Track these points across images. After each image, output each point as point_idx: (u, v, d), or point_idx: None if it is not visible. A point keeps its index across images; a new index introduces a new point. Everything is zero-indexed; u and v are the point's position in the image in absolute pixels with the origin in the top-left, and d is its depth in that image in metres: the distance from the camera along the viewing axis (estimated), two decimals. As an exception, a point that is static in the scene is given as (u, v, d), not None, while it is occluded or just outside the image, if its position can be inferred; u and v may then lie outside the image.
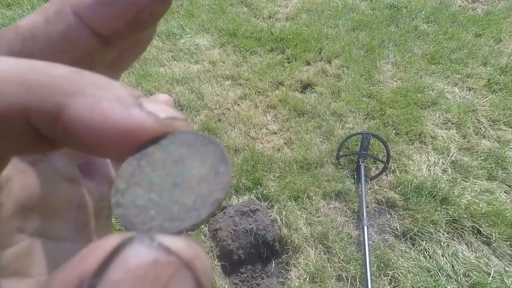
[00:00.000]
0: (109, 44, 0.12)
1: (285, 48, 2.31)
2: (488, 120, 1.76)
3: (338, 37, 2.40)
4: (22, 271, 0.13)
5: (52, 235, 0.14)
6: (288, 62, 2.20)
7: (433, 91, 1.95)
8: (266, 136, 1.73)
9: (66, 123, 0.08)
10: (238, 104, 1.90)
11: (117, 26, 0.11)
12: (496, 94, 1.91)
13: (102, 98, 0.09)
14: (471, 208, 1.36)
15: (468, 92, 1.95)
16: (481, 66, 2.10)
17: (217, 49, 2.33)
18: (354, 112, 1.84)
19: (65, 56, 0.11)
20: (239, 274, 1.23)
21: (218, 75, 2.08)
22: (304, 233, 1.32)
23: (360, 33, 2.44)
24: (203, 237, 1.30)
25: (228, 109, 1.86)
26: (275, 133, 1.75)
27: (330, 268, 1.23)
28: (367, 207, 1.36)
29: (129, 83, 1.98)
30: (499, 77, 1.98)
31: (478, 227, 1.31)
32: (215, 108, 1.86)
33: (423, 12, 2.62)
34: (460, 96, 1.93)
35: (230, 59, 2.22)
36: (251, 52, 2.28)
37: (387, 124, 1.76)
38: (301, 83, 2.03)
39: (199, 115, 1.83)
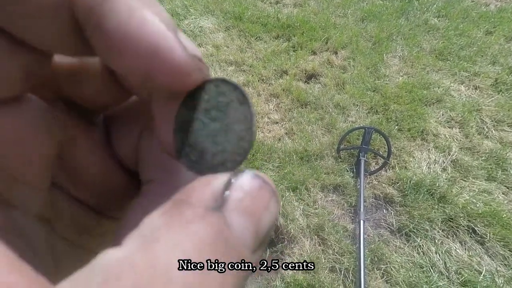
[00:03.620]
0: None
1: (291, 35, 2.25)
2: (492, 121, 1.74)
3: (346, 27, 2.34)
4: (116, 242, 0.14)
5: None
6: (294, 51, 2.16)
7: (439, 88, 1.92)
8: (268, 125, 1.71)
9: (100, 16, 0.08)
10: (241, 91, 1.87)
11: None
12: (502, 94, 1.88)
13: (148, 6, 0.08)
14: (468, 207, 1.36)
15: (474, 90, 1.93)
16: (489, 65, 2.06)
17: (221, 32, 2.27)
18: (357, 105, 1.82)
19: None
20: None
21: (222, 60, 2.04)
22: (300, 224, 1.32)
23: (369, 24, 2.38)
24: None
25: (230, 95, 1.83)
26: (277, 122, 1.73)
27: (324, 259, 1.25)
28: (364, 201, 1.36)
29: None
30: (506, 77, 1.95)
31: (473, 226, 1.32)
32: (217, 94, 1.83)
33: (434, 5, 2.55)
34: (465, 95, 1.90)
35: (234, 44, 2.17)
36: (256, 38, 2.23)
37: (390, 120, 1.75)
38: (305, 73, 2.00)
39: (201, 100, 1.80)
